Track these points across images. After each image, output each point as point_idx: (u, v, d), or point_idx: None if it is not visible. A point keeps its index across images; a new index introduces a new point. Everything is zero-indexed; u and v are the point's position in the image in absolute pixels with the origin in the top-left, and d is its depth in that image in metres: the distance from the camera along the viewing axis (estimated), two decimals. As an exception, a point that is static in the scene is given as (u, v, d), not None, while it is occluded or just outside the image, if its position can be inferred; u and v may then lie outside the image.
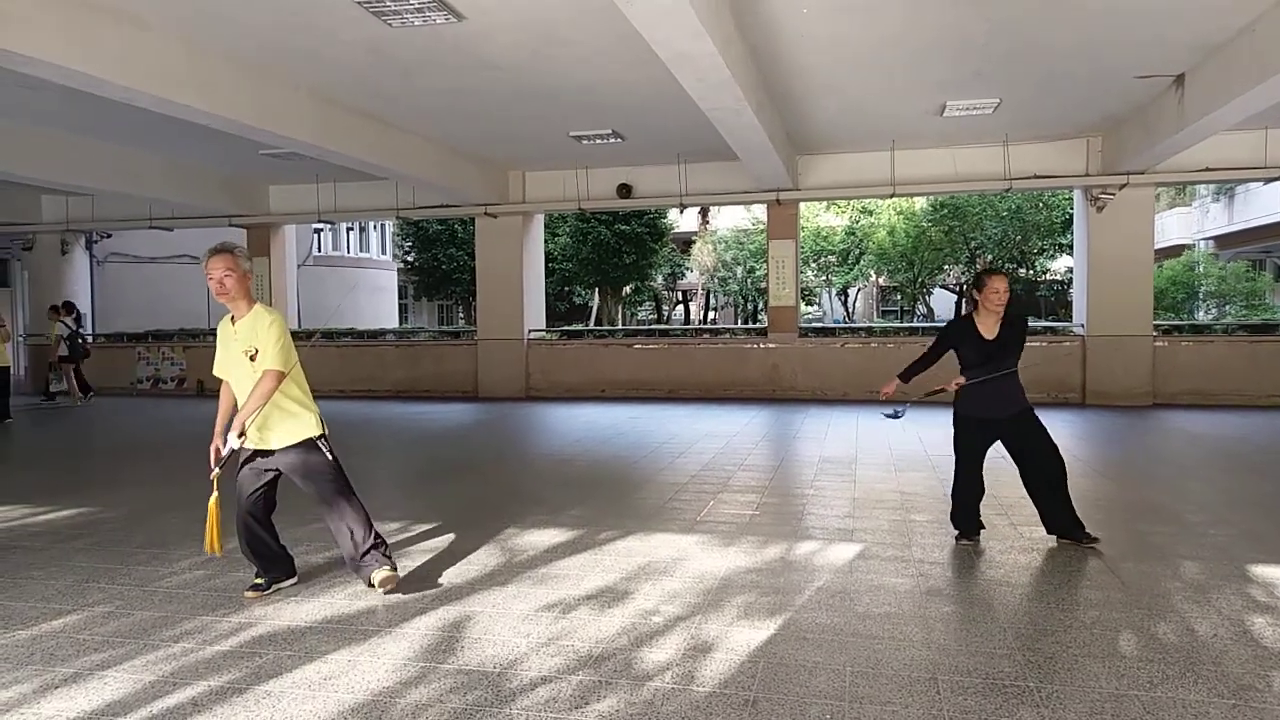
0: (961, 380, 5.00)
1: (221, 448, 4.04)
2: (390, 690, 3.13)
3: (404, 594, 4.17)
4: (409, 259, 28.72)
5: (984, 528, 5.14)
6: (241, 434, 3.98)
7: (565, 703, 3.02)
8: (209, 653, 3.50)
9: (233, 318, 4.11)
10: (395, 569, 4.18)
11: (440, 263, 26.55)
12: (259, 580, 4.23)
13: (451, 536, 5.34)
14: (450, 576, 4.51)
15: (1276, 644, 3.49)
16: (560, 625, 3.77)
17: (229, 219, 15.48)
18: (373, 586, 4.14)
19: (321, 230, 25.34)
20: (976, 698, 3.03)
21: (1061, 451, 4.99)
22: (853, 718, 2.90)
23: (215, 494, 4.04)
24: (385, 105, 9.94)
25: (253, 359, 3.99)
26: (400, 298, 32.09)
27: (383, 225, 29.10)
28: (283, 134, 8.96)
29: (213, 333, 17.78)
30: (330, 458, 4.17)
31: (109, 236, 18.97)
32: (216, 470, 4.03)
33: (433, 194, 14.02)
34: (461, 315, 32.29)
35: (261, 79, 8.53)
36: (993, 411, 4.94)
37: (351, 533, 4.14)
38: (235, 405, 4.11)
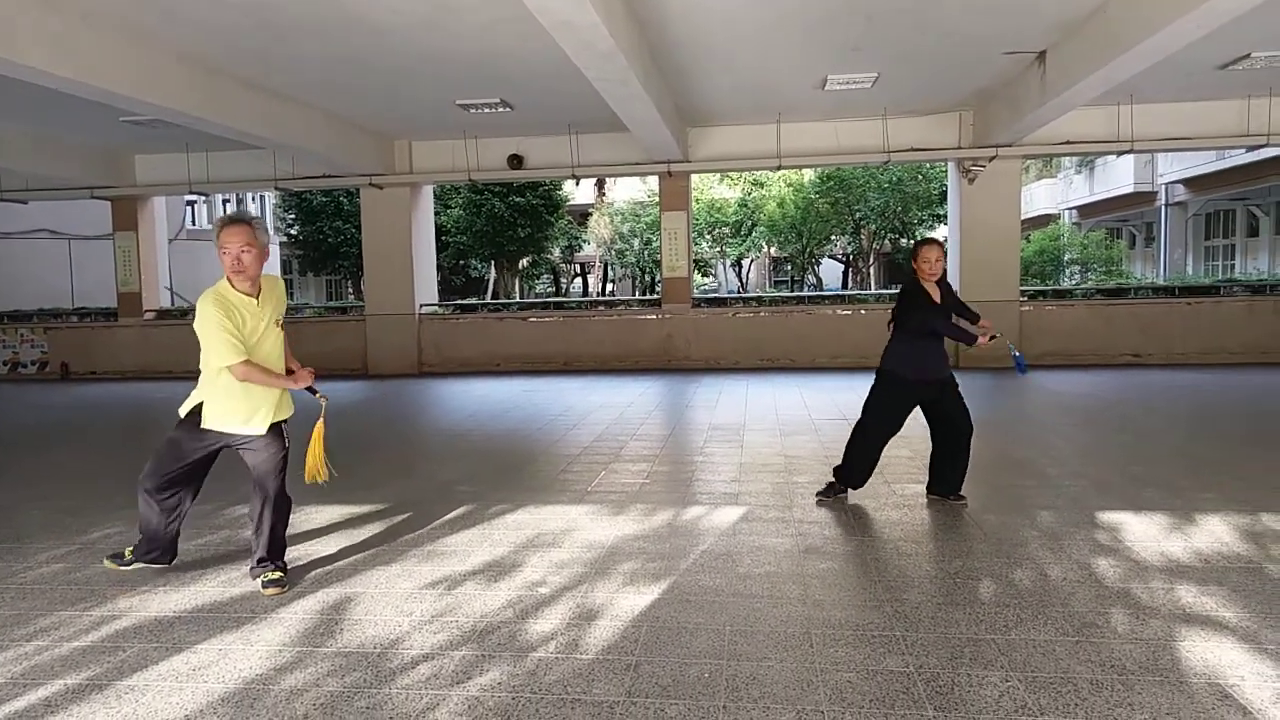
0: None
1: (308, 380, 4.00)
2: (263, 677, 3.05)
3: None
4: (292, 232, 27.56)
5: (846, 490, 5.37)
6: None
7: (446, 678, 3.01)
8: (66, 649, 3.33)
9: (246, 293, 3.86)
10: (285, 580, 3.98)
11: (325, 236, 25.58)
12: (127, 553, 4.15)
13: (334, 518, 5.22)
14: (332, 557, 4.41)
15: (1116, 583, 3.80)
16: (445, 601, 3.75)
17: (90, 191, 14.47)
18: (258, 583, 3.97)
19: (194, 202, 24.04)
20: (846, 649, 3.18)
21: None
22: (730, 675, 3.00)
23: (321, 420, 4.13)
24: (260, 71, 9.44)
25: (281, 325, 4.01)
26: (284, 272, 30.84)
27: (262, 197, 27.80)
28: (147, 99, 8.37)
29: (78, 312, 16.59)
30: (288, 445, 4.09)
31: (-47, 210, 17.48)
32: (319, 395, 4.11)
33: (314, 164, 13.44)
34: (350, 290, 31.24)
35: (123, 40, 7.95)
36: (927, 374, 5.04)
37: (272, 528, 4.00)
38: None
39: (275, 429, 4.02)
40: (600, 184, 33.10)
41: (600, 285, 36.85)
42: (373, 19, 7.79)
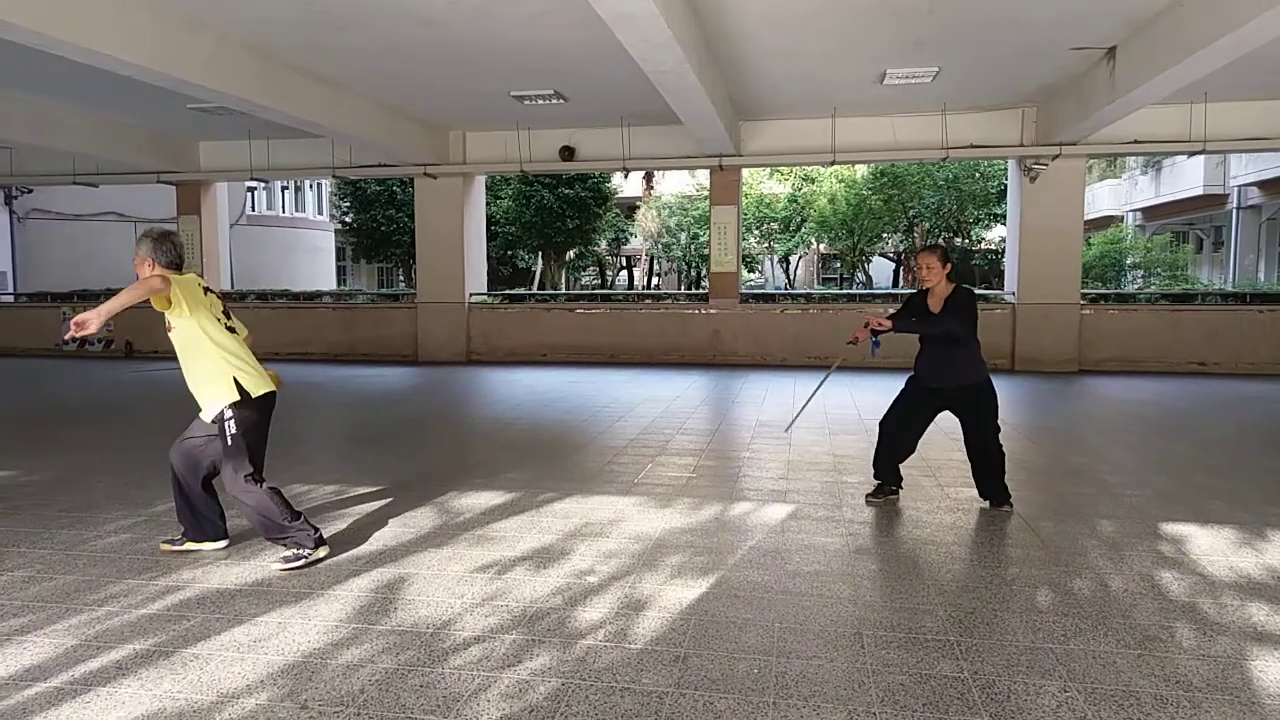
0: (866, 329, 5.10)
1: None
2: (321, 651, 3.11)
3: (337, 556, 4.14)
4: (347, 220, 28.06)
5: (897, 490, 5.27)
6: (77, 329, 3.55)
7: (498, 661, 3.04)
8: (134, 616, 3.43)
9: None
10: (295, 559, 4.01)
11: (379, 224, 26.00)
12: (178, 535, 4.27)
13: (387, 499, 5.30)
14: (385, 539, 4.48)
15: (1181, 596, 3.68)
16: (495, 586, 3.78)
17: (157, 175, 14.89)
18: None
19: (255, 189, 24.57)
20: (899, 651, 3.13)
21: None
22: (779, 672, 2.97)
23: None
24: (319, 60, 9.61)
25: (169, 330, 4.03)
26: (338, 259, 31.40)
27: (319, 184, 28.34)
28: (212, 87, 8.59)
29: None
30: (233, 431, 3.99)
31: (30, 192, 18.13)
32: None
33: (370, 153, 13.68)
34: (401, 278, 31.70)
35: (188, 30, 8.16)
36: (939, 381, 5.02)
37: (254, 519, 4.05)
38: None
39: (215, 420, 4.02)
40: (648, 177, 33.04)
41: (646, 279, 36.85)
42: (428, 12, 7.88)
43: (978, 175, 22.18)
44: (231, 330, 4.14)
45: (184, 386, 4.07)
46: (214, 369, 3.99)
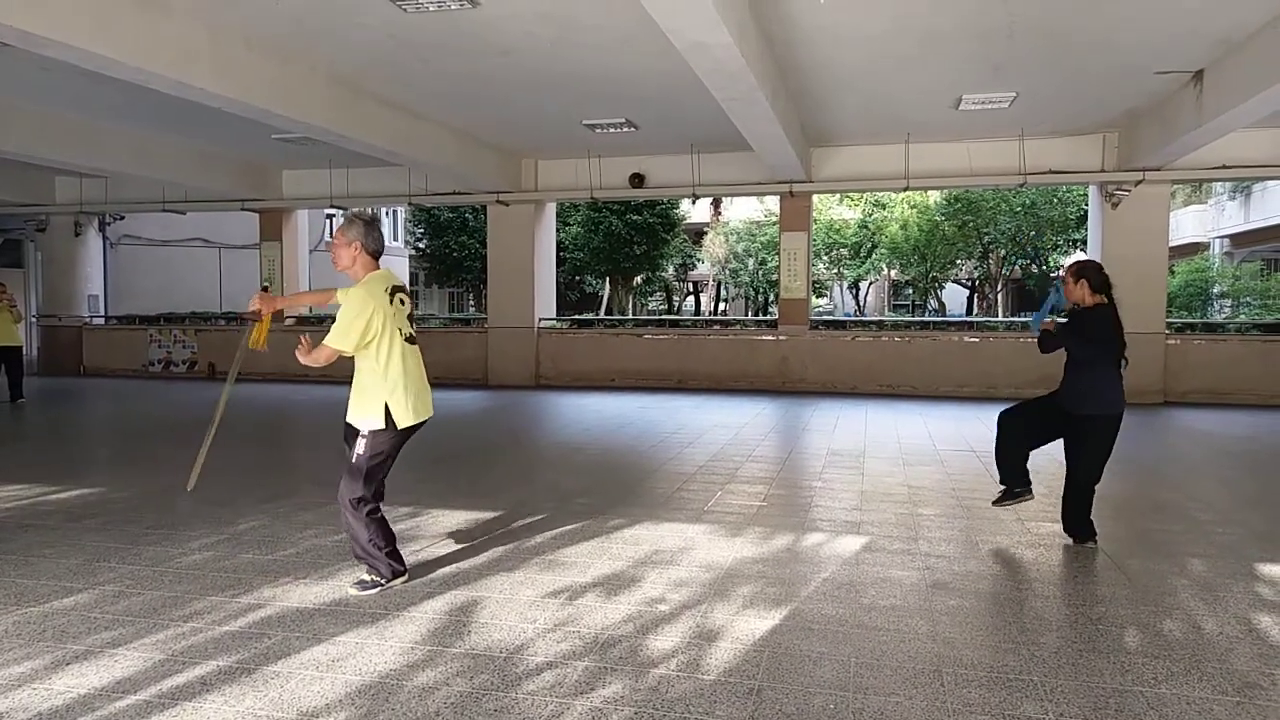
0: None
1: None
2: (397, 673, 3.16)
3: (412, 579, 4.20)
4: (420, 246, 28.75)
5: (1022, 494, 5.10)
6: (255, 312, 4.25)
7: (571, 688, 3.04)
8: (218, 633, 3.53)
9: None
10: (368, 584, 4.03)
11: (451, 250, 26.57)
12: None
13: (459, 521, 5.37)
14: (458, 561, 4.53)
15: (1284, 643, 3.49)
16: (567, 611, 3.79)
17: (242, 203, 15.53)
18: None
19: (333, 216, 25.36)
20: (980, 690, 3.04)
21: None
22: (857, 708, 2.90)
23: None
24: (400, 90, 9.94)
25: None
26: (411, 284, 32.18)
27: (395, 211, 29.13)
28: (298, 118, 8.96)
29: (225, 316, 17.96)
30: (361, 452, 3.94)
31: (122, 218, 19.07)
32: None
33: (445, 181, 14.03)
34: (472, 303, 32.33)
35: (279, 62, 8.54)
36: (1063, 401, 4.88)
37: (347, 528, 4.07)
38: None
39: (352, 430, 4.03)
40: (716, 203, 33.14)
41: (713, 304, 36.83)
42: (506, 43, 8.09)
43: (1056, 200, 21.64)
44: (411, 340, 4.11)
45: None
46: (373, 387, 3.95)
